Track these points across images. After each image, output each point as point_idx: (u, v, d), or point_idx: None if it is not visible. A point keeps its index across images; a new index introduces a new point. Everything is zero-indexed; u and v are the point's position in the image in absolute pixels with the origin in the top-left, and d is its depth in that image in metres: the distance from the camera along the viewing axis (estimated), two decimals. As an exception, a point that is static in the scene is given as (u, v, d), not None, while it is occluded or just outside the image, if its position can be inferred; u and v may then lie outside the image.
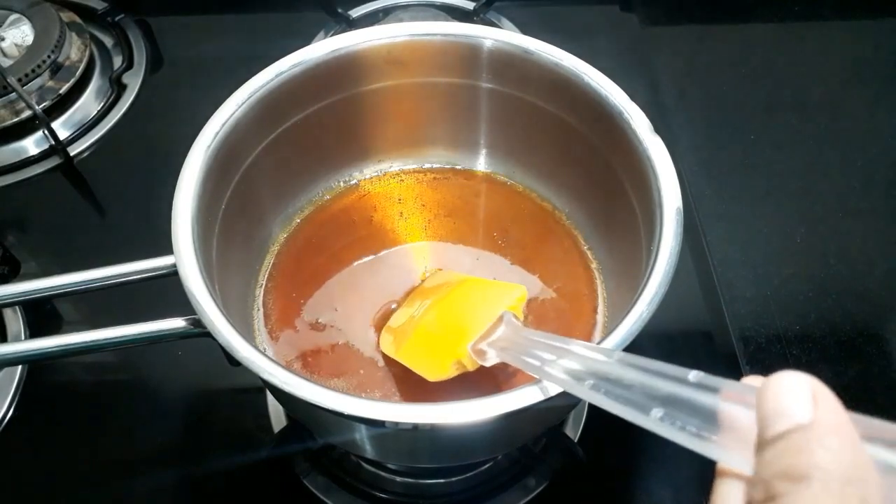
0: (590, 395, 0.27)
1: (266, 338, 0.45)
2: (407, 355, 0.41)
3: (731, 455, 0.20)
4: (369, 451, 0.40)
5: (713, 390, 0.22)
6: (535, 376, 0.31)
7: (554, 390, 0.31)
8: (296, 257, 0.48)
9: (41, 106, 0.63)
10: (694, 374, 0.23)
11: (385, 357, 0.43)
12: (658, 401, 0.23)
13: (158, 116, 0.67)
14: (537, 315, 0.45)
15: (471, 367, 0.37)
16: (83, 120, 0.66)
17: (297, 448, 0.48)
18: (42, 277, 0.38)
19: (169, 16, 0.76)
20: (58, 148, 0.63)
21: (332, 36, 0.48)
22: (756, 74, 0.70)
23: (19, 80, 0.63)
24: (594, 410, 0.49)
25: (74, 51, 0.68)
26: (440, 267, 0.47)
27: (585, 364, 0.29)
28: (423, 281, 0.46)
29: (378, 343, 0.43)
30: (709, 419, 0.21)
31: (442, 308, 0.41)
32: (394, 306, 0.45)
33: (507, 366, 0.42)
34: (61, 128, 0.65)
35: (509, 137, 0.50)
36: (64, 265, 0.38)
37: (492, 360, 0.36)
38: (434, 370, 0.39)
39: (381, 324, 0.44)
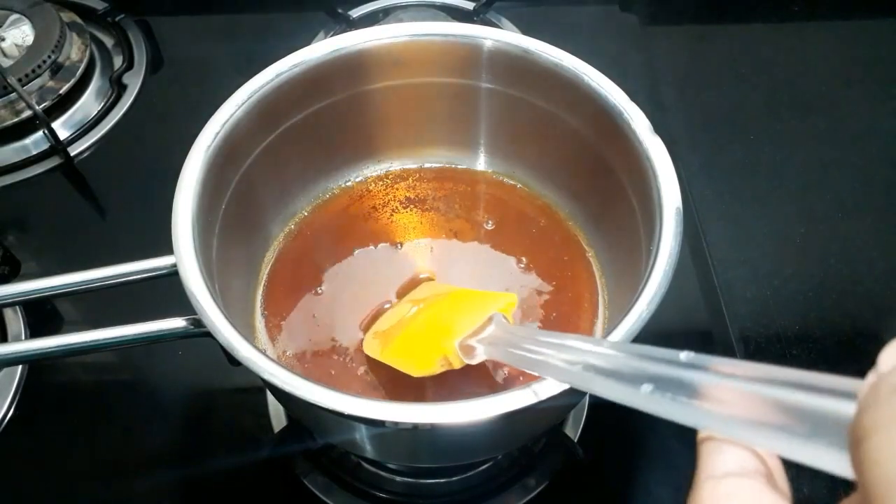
0: (579, 378, 0.27)
1: (266, 338, 0.45)
2: (392, 354, 0.40)
3: (725, 423, 0.20)
4: (369, 451, 0.40)
5: (703, 367, 0.22)
6: (524, 368, 0.31)
7: (553, 390, 0.31)
8: (296, 257, 0.48)
9: (41, 106, 0.63)
10: (685, 355, 0.23)
11: (368, 360, 0.43)
12: (648, 379, 0.23)
13: (158, 116, 0.67)
14: (537, 315, 0.45)
15: (457, 365, 0.37)
16: (83, 120, 0.66)
17: (297, 448, 0.48)
18: (42, 277, 0.38)
19: (169, 16, 0.76)
20: (58, 148, 0.63)
21: (332, 36, 0.48)
22: (756, 74, 0.70)
23: (19, 80, 0.63)
24: (594, 410, 0.49)
25: (74, 51, 0.68)
26: (441, 266, 0.47)
27: (575, 353, 0.29)
28: (414, 289, 0.46)
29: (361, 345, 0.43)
30: (699, 391, 0.21)
31: (431, 312, 0.41)
32: (387, 305, 0.45)
33: (506, 368, 0.42)
34: (61, 128, 0.65)
35: (509, 137, 0.50)
36: (64, 265, 0.38)
37: (479, 357, 0.36)
38: (419, 365, 0.38)
39: (369, 326, 0.44)
